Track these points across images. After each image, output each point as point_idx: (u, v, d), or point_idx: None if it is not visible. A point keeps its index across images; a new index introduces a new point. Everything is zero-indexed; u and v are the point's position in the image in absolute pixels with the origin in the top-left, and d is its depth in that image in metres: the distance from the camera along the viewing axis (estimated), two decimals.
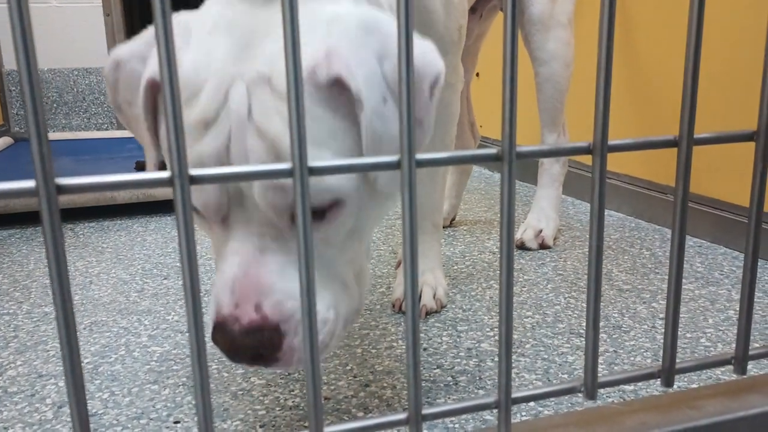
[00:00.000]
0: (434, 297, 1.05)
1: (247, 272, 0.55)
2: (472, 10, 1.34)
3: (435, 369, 0.86)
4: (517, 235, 1.36)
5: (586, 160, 1.68)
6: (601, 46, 0.45)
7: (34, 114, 0.31)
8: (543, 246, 1.34)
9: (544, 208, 1.40)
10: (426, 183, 1.08)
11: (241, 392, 0.81)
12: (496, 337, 0.95)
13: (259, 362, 0.56)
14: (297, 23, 0.37)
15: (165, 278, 1.21)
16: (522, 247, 1.34)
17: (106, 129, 2.85)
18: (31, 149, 0.32)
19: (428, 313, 1.03)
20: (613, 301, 1.07)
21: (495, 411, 0.75)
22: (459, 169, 1.52)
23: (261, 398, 0.80)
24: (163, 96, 0.34)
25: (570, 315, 1.02)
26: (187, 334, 0.98)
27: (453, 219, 1.54)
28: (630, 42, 1.51)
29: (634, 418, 0.51)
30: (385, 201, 0.62)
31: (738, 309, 1.00)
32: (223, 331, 0.55)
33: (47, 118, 2.74)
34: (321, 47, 0.54)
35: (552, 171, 1.42)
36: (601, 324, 0.99)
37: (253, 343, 0.55)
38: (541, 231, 1.36)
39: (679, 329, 0.97)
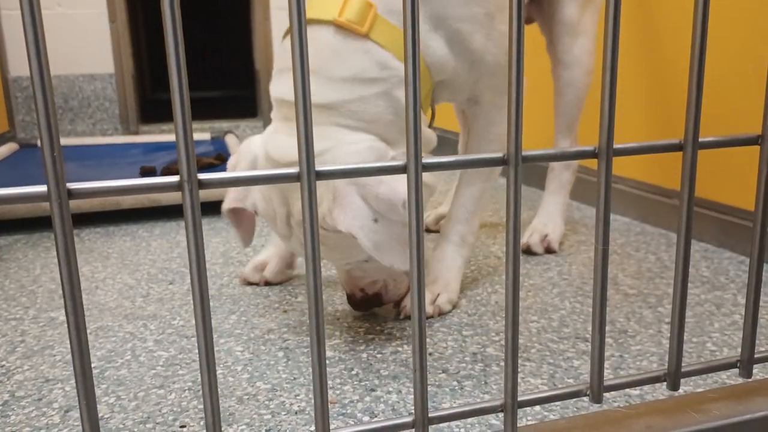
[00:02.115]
0: (434, 302, 1.04)
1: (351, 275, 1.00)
2: None
3: (440, 373, 0.86)
4: (523, 240, 1.36)
5: (592, 164, 1.68)
6: (606, 50, 0.45)
7: (46, 119, 0.31)
8: (548, 250, 1.34)
9: (551, 213, 1.40)
10: (460, 193, 1.10)
11: (246, 397, 0.81)
12: (502, 342, 0.95)
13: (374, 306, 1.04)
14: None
15: (170, 283, 1.21)
16: (527, 251, 1.34)
17: (111, 135, 2.86)
18: (43, 154, 0.32)
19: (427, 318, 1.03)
20: (618, 305, 1.07)
21: (501, 415, 0.76)
22: None
23: (267, 403, 0.80)
24: (174, 117, 0.34)
25: (575, 319, 1.02)
26: (193, 338, 0.98)
27: None
28: (637, 46, 1.51)
29: (640, 422, 0.51)
30: None
31: (744, 313, 1.00)
32: (352, 299, 1.02)
33: None
34: (327, 203, 0.86)
35: (562, 177, 1.42)
36: (607, 328, 0.99)
37: (366, 304, 1.02)
38: (546, 235, 1.36)
39: (685, 333, 0.97)
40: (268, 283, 1.19)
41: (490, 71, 1.01)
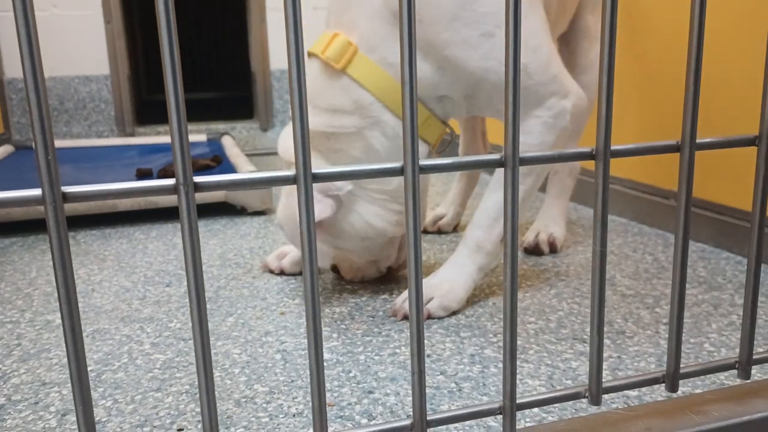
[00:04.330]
0: (424, 304, 1.04)
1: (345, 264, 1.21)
2: None
3: (438, 375, 0.86)
4: (530, 239, 1.36)
5: (589, 165, 1.68)
6: (603, 53, 0.45)
7: (40, 122, 0.31)
8: (552, 249, 1.35)
9: (554, 216, 1.40)
10: (486, 197, 1.07)
11: (244, 399, 0.81)
12: (500, 343, 0.95)
13: None
14: (300, 35, 0.37)
15: (167, 285, 1.21)
16: (535, 250, 1.34)
17: (107, 137, 2.86)
18: (37, 158, 0.32)
19: (406, 318, 1.03)
20: (616, 306, 1.06)
21: (499, 417, 0.75)
22: (466, 176, 1.52)
23: (264, 405, 0.80)
24: (169, 114, 0.34)
25: (573, 320, 1.02)
26: (190, 341, 0.98)
27: (456, 225, 1.54)
28: (633, 47, 1.51)
29: (638, 424, 0.51)
30: None
31: (741, 313, 1.00)
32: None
33: None
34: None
35: (564, 182, 1.42)
36: (605, 329, 0.98)
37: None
38: (552, 234, 1.36)
39: (683, 334, 0.97)
40: (283, 273, 1.23)
41: (499, 89, 1.00)
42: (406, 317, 1.03)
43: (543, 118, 1.02)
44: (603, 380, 0.50)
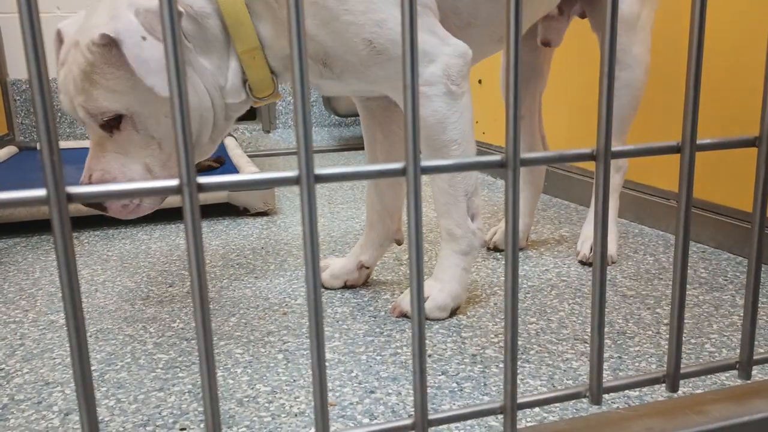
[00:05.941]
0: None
1: (90, 159, 0.99)
2: (559, 11, 1.26)
3: (440, 375, 0.86)
4: (585, 251, 1.29)
5: (590, 166, 1.68)
6: (604, 53, 0.45)
7: (45, 123, 0.31)
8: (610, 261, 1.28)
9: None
10: (434, 189, 1.01)
11: (246, 399, 0.82)
12: (501, 344, 0.95)
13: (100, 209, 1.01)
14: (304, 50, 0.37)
15: (170, 285, 1.21)
16: (587, 263, 1.29)
17: None
18: (42, 158, 0.32)
19: (402, 315, 1.04)
20: (617, 307, 1.07)
21: (500, 417, 0.76)
22: (529, 183, 1.41)
23: (266, 405, 0.80)
24: (171, 111, 0.34)
25: (574, 321, 1.02)
26: (193, 341, 0.98)
27: (526, 238, 1.42)
28: None
29: (639, 424, 0.51)
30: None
31: (742, 314, 1.00)
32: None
33: None
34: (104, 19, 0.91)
35: (612, 181, 1.31)
36: (606, 330, 0.99)
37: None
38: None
39: (684, 335, 0.97)
40: (323, 287, 1.20)
41: (349, 59, 0.93)
42: (401, 314, 1.04)
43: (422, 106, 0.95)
44: (604, 380, 0.51)
